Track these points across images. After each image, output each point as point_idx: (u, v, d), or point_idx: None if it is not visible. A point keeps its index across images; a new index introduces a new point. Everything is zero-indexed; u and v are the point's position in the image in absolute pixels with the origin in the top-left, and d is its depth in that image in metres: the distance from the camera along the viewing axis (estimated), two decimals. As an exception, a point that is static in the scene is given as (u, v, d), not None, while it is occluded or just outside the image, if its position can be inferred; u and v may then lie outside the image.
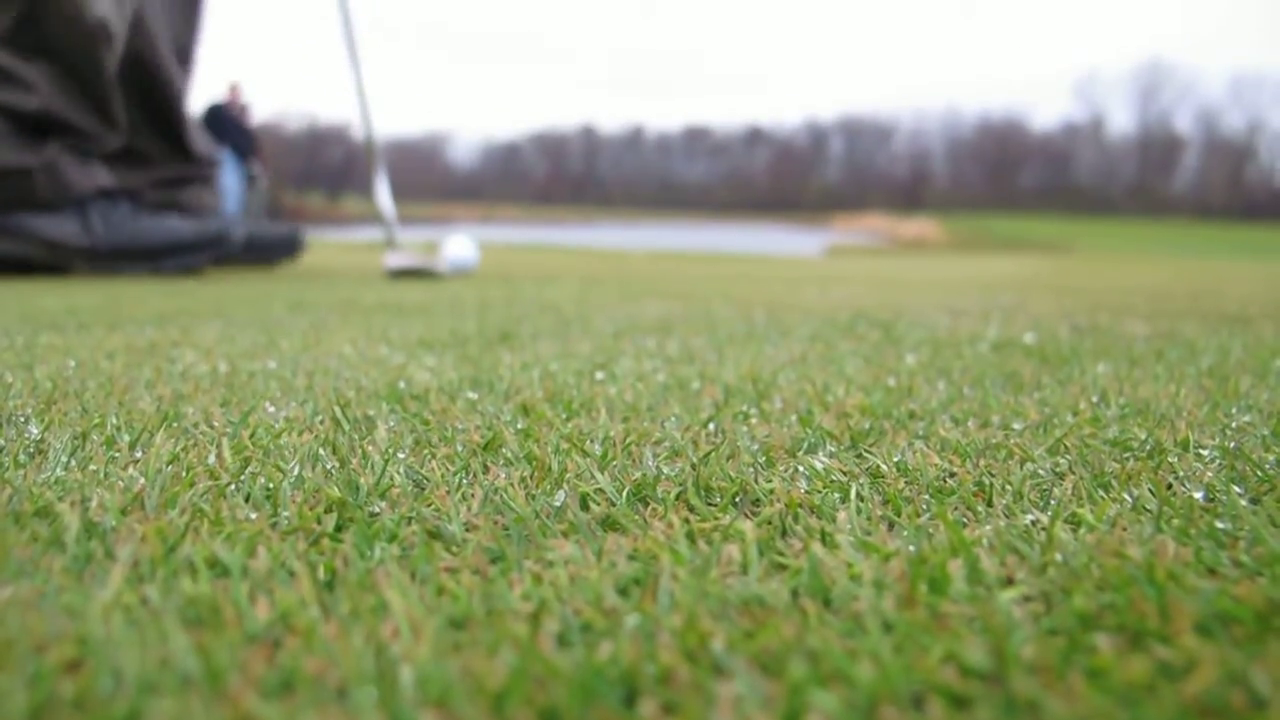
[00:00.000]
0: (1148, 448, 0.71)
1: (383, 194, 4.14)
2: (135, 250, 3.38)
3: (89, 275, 3.36)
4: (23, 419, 0.80)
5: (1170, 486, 0.61)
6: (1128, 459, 0.68)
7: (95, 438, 0.73)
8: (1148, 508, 0.56)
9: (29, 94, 3.17)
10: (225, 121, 9.17)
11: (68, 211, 3.30)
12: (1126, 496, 0.58)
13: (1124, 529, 0.52)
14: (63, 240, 3.30)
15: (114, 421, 0.78)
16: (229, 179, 8.03)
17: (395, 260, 3.58)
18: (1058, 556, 0.47)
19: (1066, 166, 63.92)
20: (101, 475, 0.62)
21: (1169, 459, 0.68)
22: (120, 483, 0.60)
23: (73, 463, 0.65)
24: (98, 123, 3.32)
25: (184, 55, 3.89)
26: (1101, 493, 0.60)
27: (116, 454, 0.68)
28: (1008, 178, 63.63)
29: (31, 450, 0.69)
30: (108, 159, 3.61)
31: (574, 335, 1.50)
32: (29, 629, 0.38)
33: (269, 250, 4.37)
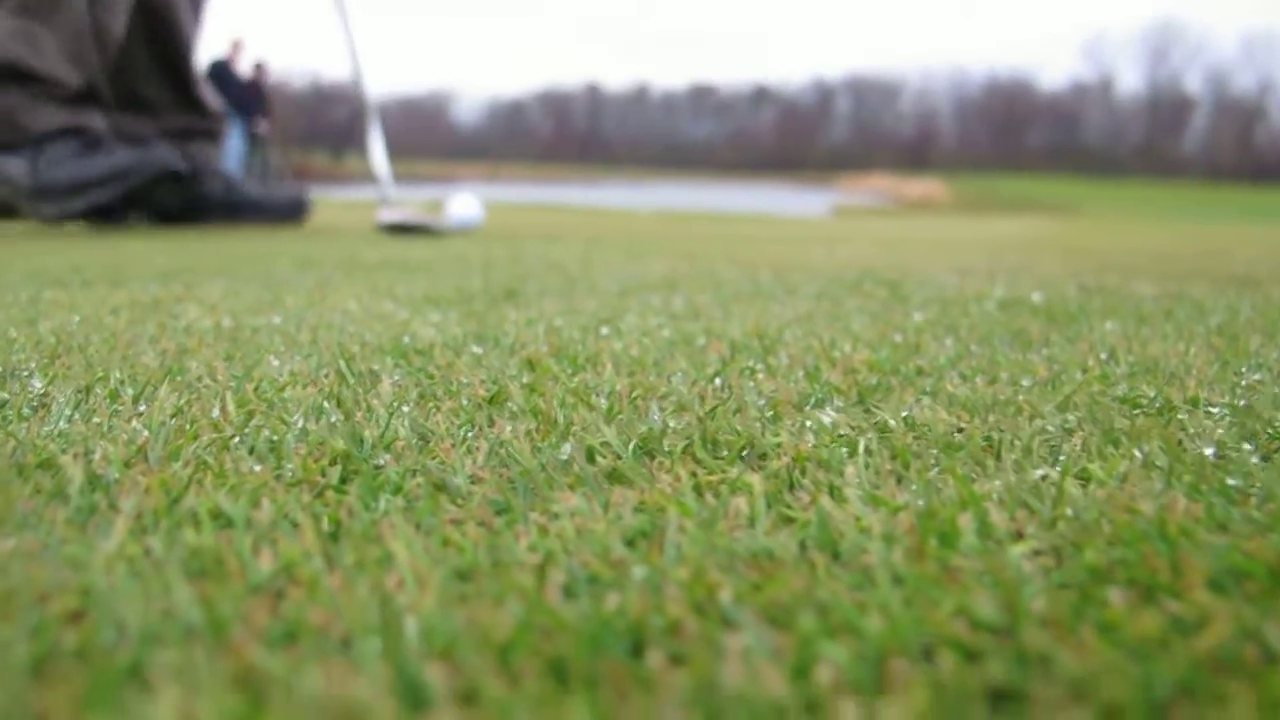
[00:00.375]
0: (1157, 405, 0.71)
1: (376, 150, 4.11)
2: (67, 185, 3.49)
3: (90, 234, 3.38)
4: (26, 373, 0.80)
5: (1180, 443, 0.61)
6: (1137, 416, 0.67)
7: (99, 391, 0.72)
8: (1158, 464, 0.55)
9: None
10: (228, 78, 9.12)
11: (24, 151, 3.47)
12: (1136, 453, 0.58)
13: (1134, 485, 0.52)
14: (13, 178, 3.47)
15: (117, 376, 0.78)
16: (230, 138, 8.00)
17: (388, 215, 3.56)
18: (1068, 511, 0.46)
19: (1074, 127, 63.56)
20: (105, 428, 0.62)
21: (1179, 416, 0.67)
22: (124, 435, 0.60)
23: (76, 416, 0.65)
24: (67, 67, 3.47)
25: (196, 1, 3.95)
26: (1111, 449, 0.59)
27: (120, 407, 0.68)
28: (1015, 138, 63.32)
29: (35, 404, 0.69)
30: (120, 107, 3.77)
31: (579, 293, 1.49)
32: (31, 580, 0.38)
33: (274, 213, 4.35)
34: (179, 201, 4.04)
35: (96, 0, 3.51)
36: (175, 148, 4.04)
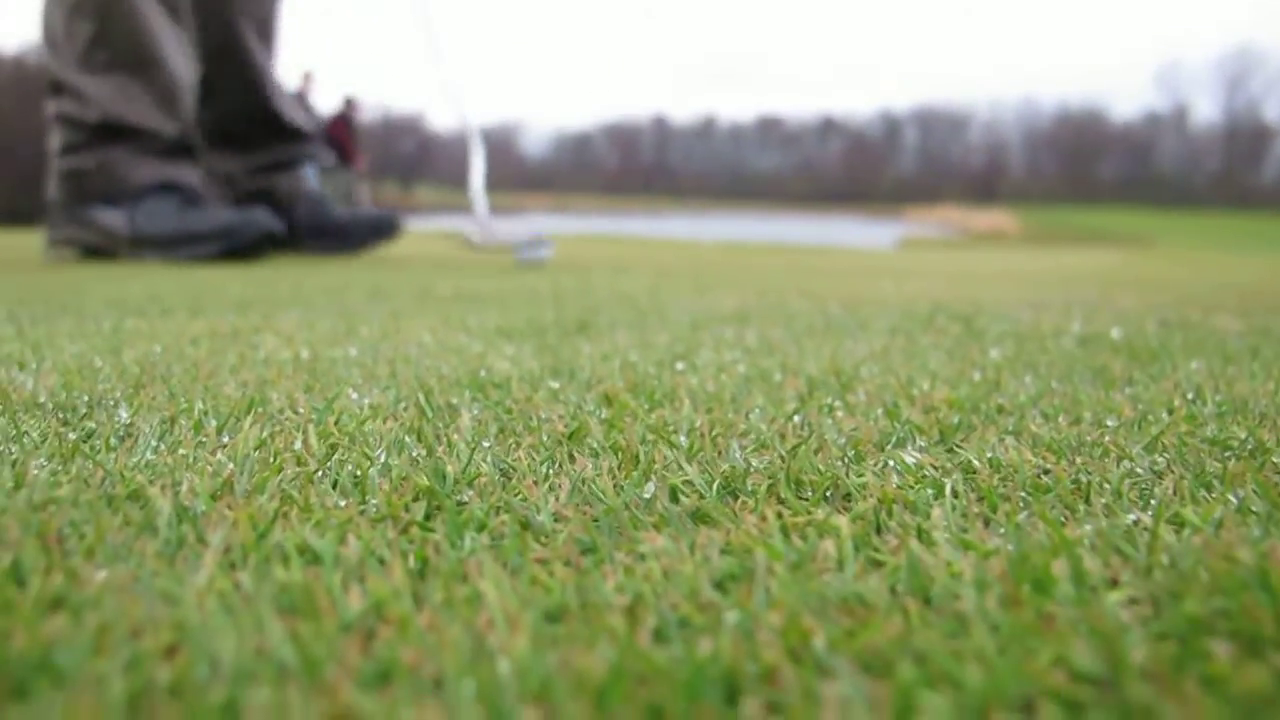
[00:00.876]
0: (1249, 447, 0.69)
1: (476, 174, 4.22)
2: (174, 238, 3.75)
3: (164, 263, 3.48)
4: (112, 403, 0.81)
5: (1277, 487, 0.59)
6: (1229, 458, 0.66)
7: (183, 422, 0.73)
8: (1254, 509, 0.54)
9: (89, 107, 3.74)
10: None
11: (123, 204, 3.77)
12: (1231, 497, 0.56)
13: (1231, 531, 0.50)
14: (112, 229, 3.78)
15: (201, 406, 0.79)
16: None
17: (480, 236, 3.63)
18: (1163, 558, 0.45)
19: (1148, 157, 62.68)
20: (191, 460, 0.62)
21: (1273, 459, 0.65)
22: (209, 467, 0.60)
23: (162, 447, 0.66)
24: (161, 118, 3.79)
25: (265, 32, 4.30)
26: (1204, 493, 0.58)
27: (204, 439, 0.69)
28: (1086, 169, 62.58)
29: (122, 434, 0.70)
30: (211, 146, 4.20)
31: (651, 326, 1.49)
32: (126, 613, 0.38)
33: (361, 234, 4.53)
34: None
35: (180, 53, 3.82)
36: (265, 180, 4.41)
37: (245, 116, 4.35)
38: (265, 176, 4.47)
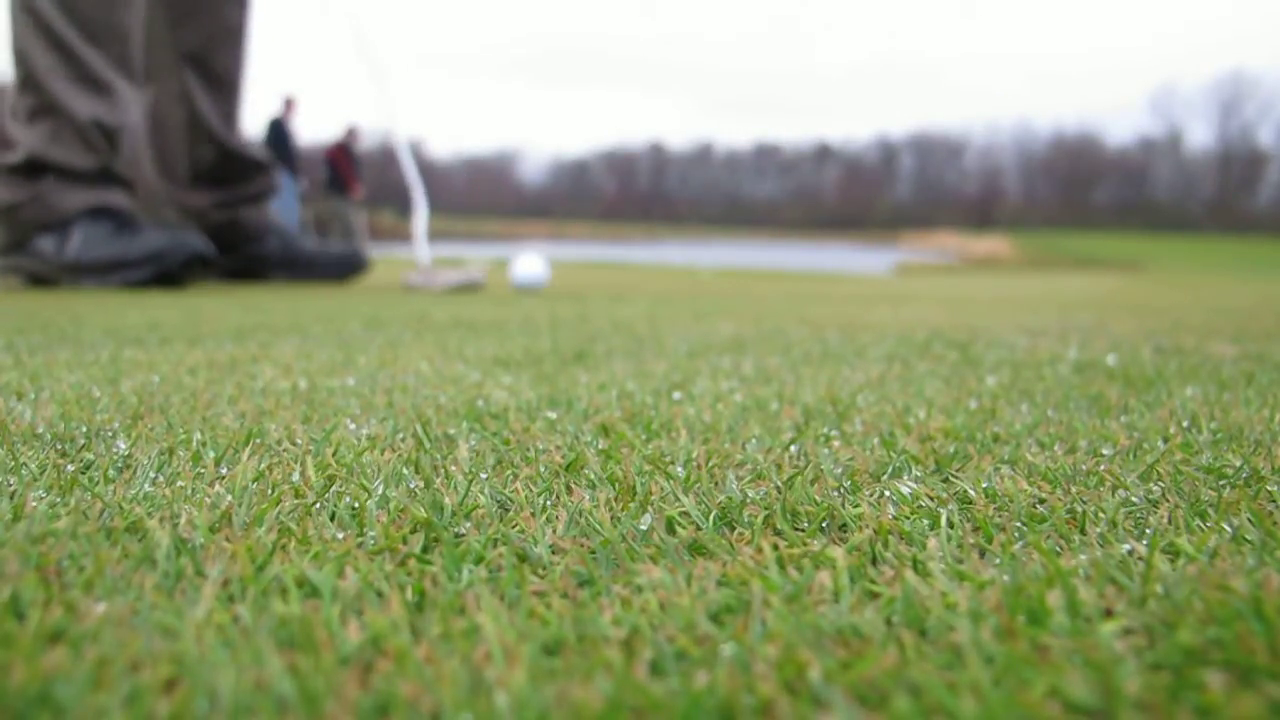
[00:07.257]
0: (1244, 475, 0.69)
1: (420, 219, 4.38)
2: (107, 264, 3.88)
3: (163, 290, 3.49)
4: (110, 434, 0.81)
5: (1271, 516, 0.59)
6: (1224, 487, 0.66)
7: (181, 454, 0.74)
8: (1248, 538, 0.54)
9: (13, 152, 3.96)
10: (283, 136, 9.35)
11: (55, 230, 3.93)
12: (1225, 526, 0.57)
13: (1225, 561, 0.51)
14: (49, 258, 3.92)
15: (199, 438, 0.79)
16: (284, 197, 8.18)
17: (416, 278, 3.72)
18: (1158, 588, 0.45)
19: (1143, 182, 62.93)
20: (189, 492, 0.62)
21: (1268, 487, 0.66)
22: (207, 500, 0.60)
23: (160, 478, 0.66)
24: (81, 154, 3.96)
25: (214, 74, 4.57)
26: (1199, 522, 0.58)
27: (203, 470, 0.69)
28: (1081, 194, 62.81)
29: (120, 465, 0.70)
30: (190, 185, 4.55)
31: (648, 354, 1.49)
32: (125, 647, 0.38)
33: (328, 269, 4.70)
34: (242, 262, 4.65)
35: (107, 100, 4.00)
36: (233, 214, 4.66)
37: (208, 157, 4.58)
38: (232, 210, 4.67)
